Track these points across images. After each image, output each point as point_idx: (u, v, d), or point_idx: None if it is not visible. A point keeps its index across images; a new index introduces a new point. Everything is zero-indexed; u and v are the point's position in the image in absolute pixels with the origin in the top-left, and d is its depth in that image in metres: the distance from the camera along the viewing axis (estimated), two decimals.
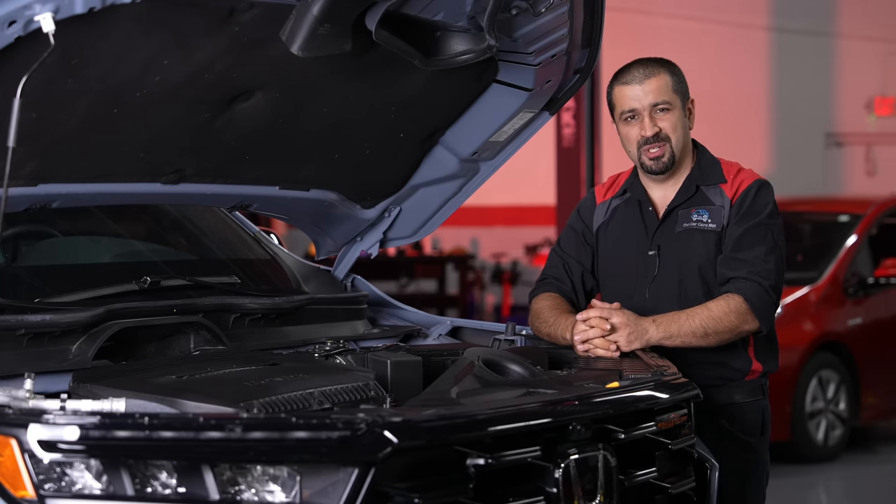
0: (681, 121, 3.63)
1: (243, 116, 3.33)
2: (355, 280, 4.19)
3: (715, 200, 3.62)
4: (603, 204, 3.80)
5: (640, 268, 3.67)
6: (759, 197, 3.61)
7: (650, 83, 3.60)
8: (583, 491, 2.88)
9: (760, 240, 3.56)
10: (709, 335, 3.48)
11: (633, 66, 3.65)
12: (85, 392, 2.96)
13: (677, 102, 3.63)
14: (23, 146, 2.75)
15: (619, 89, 3.65)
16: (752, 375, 3.65)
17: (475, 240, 15.72)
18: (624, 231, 3.73)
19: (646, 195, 3.72)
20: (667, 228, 3.67)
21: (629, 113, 3.62)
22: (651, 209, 3.70)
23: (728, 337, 3.52)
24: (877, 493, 8.05)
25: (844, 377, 8.68)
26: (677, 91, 3.63)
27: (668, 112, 3.61)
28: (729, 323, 3.49)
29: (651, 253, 3.66)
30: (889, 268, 8.92)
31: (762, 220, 3.58)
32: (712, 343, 3.51)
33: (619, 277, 3.73)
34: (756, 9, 16.73)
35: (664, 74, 3.62)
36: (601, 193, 3.82)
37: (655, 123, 3.60)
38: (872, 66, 17.18)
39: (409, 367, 3.31)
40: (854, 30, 17.21)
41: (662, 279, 3.63)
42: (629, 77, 3.63)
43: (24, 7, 2.64)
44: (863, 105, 17.55)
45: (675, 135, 3.62)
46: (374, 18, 3.02)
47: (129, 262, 3.90)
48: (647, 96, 3.60)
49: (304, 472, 2.59)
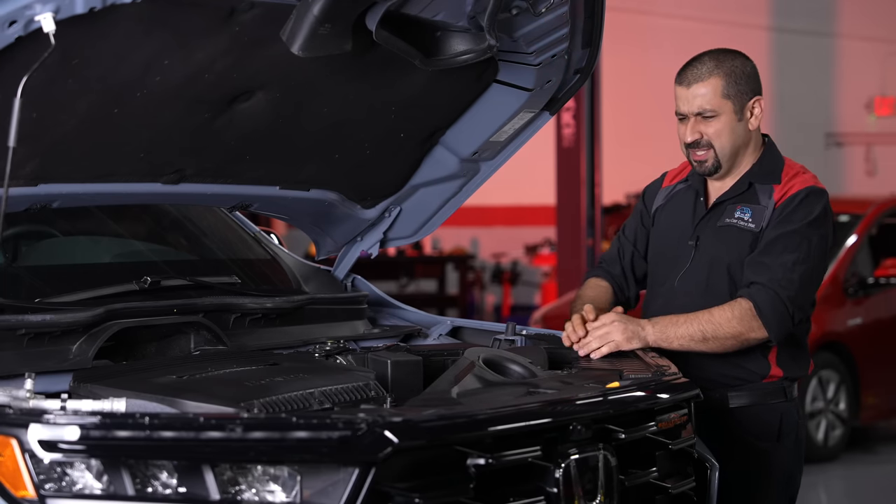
0: (728, 126, 3.55)
1: (244, 116, 3.33)
2: (355, 280, 4.19)
3: (762, 200, 3.57)
4: (667, 188, 3.80)
5: (678, 256, 3.66)
6: (805, 204, 3.52)
7: (698, 87, 3.54)
8: (583, 491, 2.88)
9: (792, 248, 3.48)
10: (708, 340, 3.44)
11: (691, 64, 3.58)
12: (85, 392, 2.96)
13: (726, 107, 3.54)
14: (23, 146, 2.75)
15: (676, 87, 3.60)
16: (771, 379, 3.59)
17: (475, 240, 15.74)
18: (676, 217, 3.73)
19: (703, 185, 3.71)
20: (710, 221, 3.64)
21: (680, 114, 3.60)
22: (703, 199, 3.69)
23: (731, 343, 3.46)
24: (877, 493, 8.05)
25: (844, 377, 8.69)
26: (728, 95, 3.54)
27: (713, 118, 3.55)
28: (731, 329, 3.44)
29: (690, 243, 3.65)
30: (889, 268, 8.92)
31: (799, 228, 3.50)
32: (713, 349, 3.46)
33: (660, 262, 3.73)
34: (756, 9, 16.75)
35: (715, 77, 3.53)
36: (669, 177, 3.83)
37: (697, 129, 3.56)
38: (872, 66, 17.20)
39: (410, 367, 3.31)
40: (854, 30, 17.23)
41: (693, 270, 3.62)
42: (683, 76, 3.58)
43: (25, 7, 2.64)
44: (863, 105, 17.57)
45: (720, 140, 3.56)
46: (375, 18, 3.02)
47: (130, 262, 3.90)
48: (693, 101, 3.55)
49: (304, 472, 2.58)
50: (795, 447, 3.64)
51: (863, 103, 17.53)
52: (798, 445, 3.65)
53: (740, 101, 3.56)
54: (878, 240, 9.22)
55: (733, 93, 3.55)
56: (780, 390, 3.60)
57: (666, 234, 3.73)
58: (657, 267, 3.75)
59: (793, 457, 3.64)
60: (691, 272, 3.62)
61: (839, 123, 17.62)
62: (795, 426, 3.63)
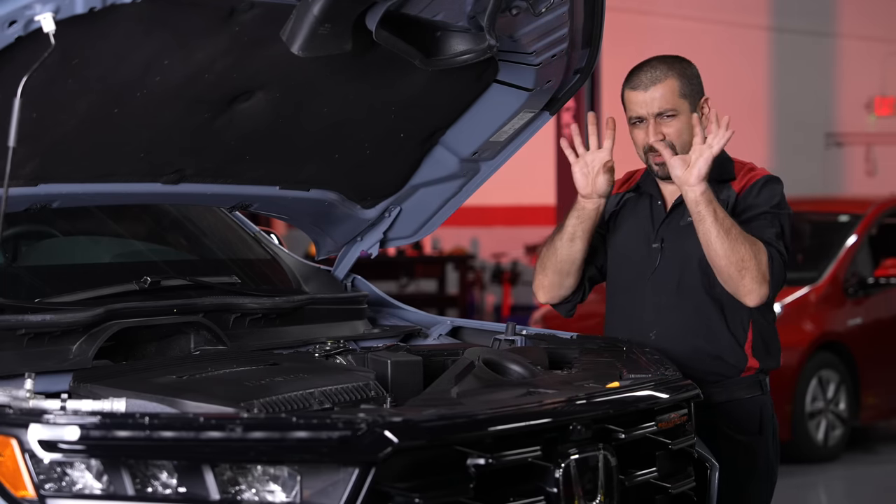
0: (687, 125, 3.60)
1: (243, 116, 3.33)
2: (355, 280, 4.19)
3: (721, 195, 3.61)
4: (615, 195, 3.82)
5: (643, 260, 3.68)
6: (766, 190, 3.60)
7: (656, 89, 3.58)
8: (583, 491, 2.88)
9: (768, 225, 3.55)
10: (731, 234, 3.44)
11: (641, 70, 3.63)
12: (85, 392, 2.96)
13: (685, 107, 3.60)
14: (23, 146, 2.75)
15: (627, 93, 3.65)
16: (749, 372, 3.64)
17: (475, 240, 15.73)
18: (632, 223, 3.75)
19: (657, 190, 3.73)
20: (672, 222, 3.67)
21: (636, 118, 3.63)
22: (660, 203, 3.72)
23: (735, 260, 3.43)
24: (877, 493, 8.05)
25: (844, 377, 8.68)
26: (685, 95, 3.60)
27: (673, 118, 3.59)
28: (747, 251, 3.44)
29: (655, 246, 3.67)
30: (889, 268, 8.92)
31: (769, 210, 3.58)
32: (722, 251, 3.44)
33: (623, 268, 3.75)
34: (756, 9, 16.74)
35: (671, 79, 3.59)
36: (616, 186, 3.83)
37: (659, 130, 3.59)
38: (872, 66, 17.19)
39: (410, 367, 3.31)
40: (854, 30, 17.22)
41: (663, 271, 3.64)
42: (636, 81, 3.62)
43: (25, 7, 2.64)
44: (863, 105, 17.55)
45: (681, 140, 3.59)
46: (375, 18, 3.02)
47: (130, 262, 3.90)
48: (652, 103, 3.59)
49: (304, 472, 2.59)
50: (774, 438, 3.71)
51: (863, 103, 17.52)
52: (775, 436, 3.72)
53: (694, 101, 3.63)
54: (878, 240, 9.22)
55: (688, 92, 3.62)
56: (756, 383, 3.66)
57: (626, 241, 3.75)
58: (620, 271, 3.76)
59: (772, 447, 3.71)
60: (662, 273, 3.65)
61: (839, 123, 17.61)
62: (772, 417, 3.70)
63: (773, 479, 3.73)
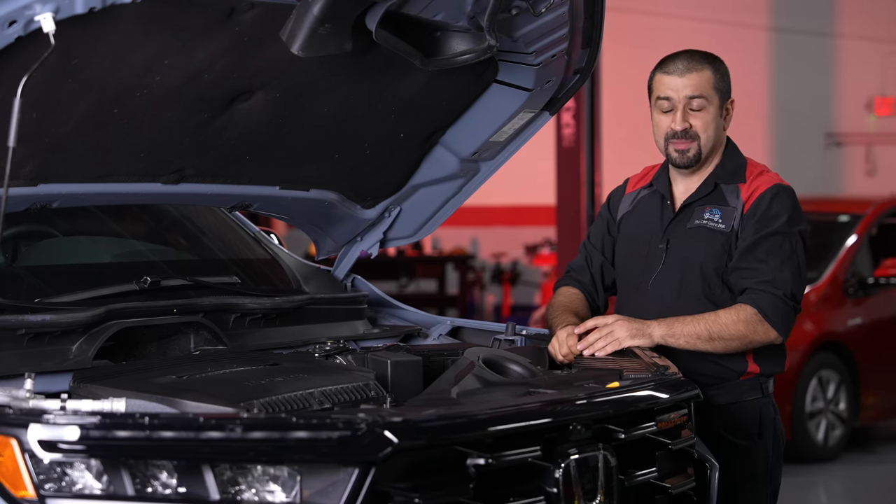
0: (714, 120, 3.60)
1: (243, 116, 3.33)
2: (355, 280, 4.20)
3: (730, 201, 3.61)
4: (631, 194, 3.81)
5: (650, 259, 3.68)
6: (775, 204, 3.56)
7: (692, 77, 3.58)
8: (583, 491, 2.88)
9: (775, 250, 3.52)
10: (714, 339, 3.47)
11: (678, 57, 3.62)
12: (85, 392, 2.96)
13: (715, 100, 3.59)
14: (23, 146, 2.76)
15: (659, 77, 3.63)
16: (748, 375, 3.62)
17: (475, 240, 15.72)
18: (642, 223, 3.74)
19: (668, 189, 3.72)
20: (680, 224, 3.67)
21: (664, 99, 3.60)
22: (669, 203, 3.70)
23: (736, 345, 3.50)
24: (877, 493, 8.04)
25: (844, 377, 8.68)
26: (717, 88, 3.60)
27: (702, 109, 3.58)
28: (736, 331, 3.47)
29: (661, 246, 3.66)
30: (889, 268, 8.91)
31: (778, 229, 3.54)
32: (718, 349, 3.49)
33: (630, 268, 3.74)
34: (756, 9, 16.74)
35: (707, 70, 3.59)
36: (632, 184, 3.84)
37: (687, 119, 3.58)
38: (872, 66, 17.18)
39: (410, 367, 3.31)
40: (854, 30, 17.22)
41: (665, 273, 3.64)
42: (672, 67, 3.60)
43: (25, 7, 2.64)
44: (863, 105, 17.55)
45: (706, 133, 3.60)
46: (375, 18, 3.02)
47: (129, 262, 3.90)
48: (686, 88, 3.57)
49: (304, 472, 2.59)
50: (774, 442, 3.67)
51: (863, 103, 17.52)
52: (776, 440, 3.68)
53: (723, 98, 3.63)
54: (878, 240, 9.22)
55: (720, 87, 3.62)
56: (756, 386, 3.64)
57: (634, 239, 3.75)
58: (627, 271, 3.76)
59: (773, 452, 3.67)
60: (664, 274, 3.64)
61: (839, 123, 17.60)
62: (773, 421, 3.67)
63: (775, 484, 3.69)
